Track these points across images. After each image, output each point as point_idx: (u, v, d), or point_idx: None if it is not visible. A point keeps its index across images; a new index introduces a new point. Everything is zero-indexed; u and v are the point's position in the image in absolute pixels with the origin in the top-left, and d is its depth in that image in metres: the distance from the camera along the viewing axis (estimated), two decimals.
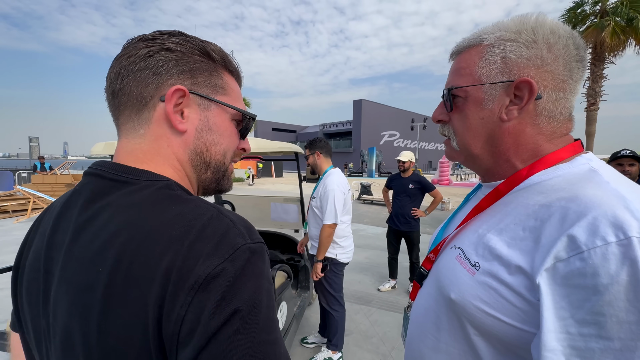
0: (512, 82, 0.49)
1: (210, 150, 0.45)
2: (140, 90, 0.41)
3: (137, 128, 0.42)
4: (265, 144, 2.21)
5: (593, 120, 10.88)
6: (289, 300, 2.21)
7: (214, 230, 0.35)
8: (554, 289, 0.38)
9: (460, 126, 0.56)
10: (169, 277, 0.32)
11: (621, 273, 0.34)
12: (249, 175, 19.01)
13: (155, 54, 0.41)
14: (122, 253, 0.34)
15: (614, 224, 0.36)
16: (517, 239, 0.45)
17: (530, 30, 0.49)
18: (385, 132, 39.36)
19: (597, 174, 0.45)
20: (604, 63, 10.53)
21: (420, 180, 3.32)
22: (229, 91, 0.47)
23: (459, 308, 0.49)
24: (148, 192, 0.39)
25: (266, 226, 3.11)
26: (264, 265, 0.36)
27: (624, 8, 9.53)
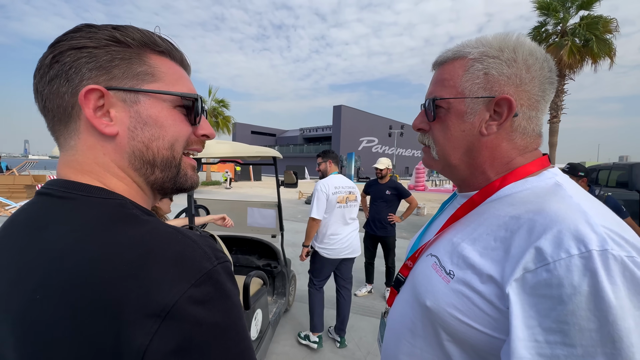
0: (493, 98, 0.51)
1: (151, 147, 0.40)
2: (58, 102, 0.38)
3: (68, 141, 0.39)
4: (243, 148, 2.18)
5: (555, 132, 11.65)
6: (264, 307, 2.17)
7: (177, 253, 0.32)
8: (522, 299, 0.40)
9: (441, 136, 0.57)
10: (124, 306, 0.29)
11: (582, 284, 0.36)
12: (227, 178, 18.60)
13: (61, 58, 0.36)
14: (68, 279, 0.31)
15: (576, 238, 0.38)
16: (489, 248, 0.47)
17: (511, 49, 0.51)
18: (363, 137, 40.01)
19: (562, 188, 0.47)
20: (565, 79, 11.35)
21: (397, 186, 3.40)
22: (160, 75, 0.41)
23: (434, 315, 0.51)
24: (100, 211, 0.36)
25: (243, 231, 3.05)
26: (232, 286, 0.34)
27: (582, 30, 10.35)
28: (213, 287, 0.32)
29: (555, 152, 11.80)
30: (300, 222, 7.82)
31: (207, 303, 0.31)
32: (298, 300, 3.30)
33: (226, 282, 0.33)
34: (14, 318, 0.32)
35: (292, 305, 3.16)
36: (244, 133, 46.58)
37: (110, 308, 0.29)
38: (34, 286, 0.32)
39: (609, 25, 10.15)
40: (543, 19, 11.34)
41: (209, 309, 0.31)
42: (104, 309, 0.29)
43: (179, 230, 0.36)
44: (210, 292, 0.31)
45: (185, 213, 2.44)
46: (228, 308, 0.33)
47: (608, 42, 10.30)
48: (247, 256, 2.93)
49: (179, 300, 0.29)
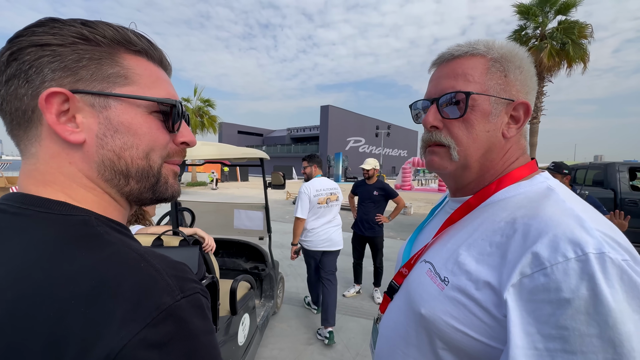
0: (513, 102, 0.52)
1: (123, 157, 0.36)
2: (16, 104, 0.33)
3: (28, 147, 0.35)
4: (230, 150, 2.13)
5: (535, 133, 12.06)
6: (251, 311, 2.13)
7: (133, 286, 0.28)
8: (520, 305, 0.39)
9: (464, 135, 0.52)
10: (66, 348, 0.25)
11: (581, 287, 0.36)
12: (213, 179, 18.30)
13: (20, 56, 0.32)
14: (7, 314, 0.27)
15: (572, 241, 0.38)
16: (485, 254, 0.46)
17: (520, 57, 0.52)
18: (350, 137, 40.26)
19: (554, 193, 0.48)
20: (544, 81, 11.76)
21: (384, 187, 3.41)
22: (135, 78, 0.36)
23: (429, 323, 0.49)
24: (56, 230, 0.32)
25: (229, 234, 2.99)
26: (202, 320, 0.30)
27: (559, 34, 10.75)
28: (174, 326, 0.27)
29: (535, 152, 12.22)
30: (288, 223, 7.77)
31: (165, 346, 0.26)
32: (286, 303, 3.27)
33: (192, 319, 0.29)
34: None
35: (280, 307, 3.13)
36: (231, 133, 46.00)
37: (50, 351, 0.25)
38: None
39: (584, 31, 10.60)
40: (523, 23, 11.71)
41: (167, 353, 0.26)
42: (42, 352, 0.25)
43: (143, 256, 0.31)
44: (169, 333, 0.27)
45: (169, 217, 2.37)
46: (192, 351, 0.28)
47: (583, 46, 10.73)
48: (234, 259, 2.87)
49: (127, 344, 0.25)
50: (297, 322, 2.89)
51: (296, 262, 4.61)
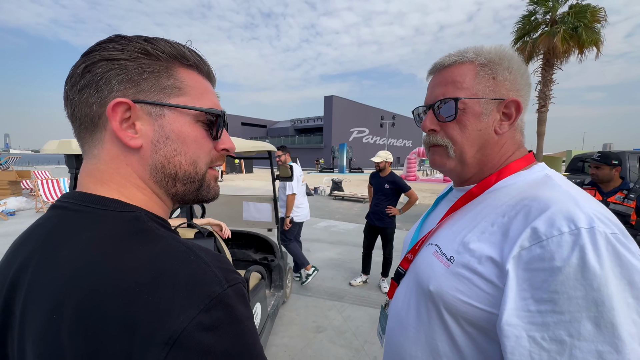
0: (504, 100, 0.57)
1: (173, 162, 0.40)
2: (86, 111, 0.38)
3: (92, 149, 0.40)
4: (240, 143, 2.15)
5: (543, 121, 11.83)
6: (262, 300, 2.19)
7: (187, 277, 0.31)
8: (517, 274, 0.45)
9: (459, 135, 0.59)
10: (136, 330, 0.28)
11: (572, 257, 0.41)
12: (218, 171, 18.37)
13: (93, 68, 0.37)
14: (81, 301, 0.30)
15: (567, 218, 0.44)
16: (487, 232, 0.51)
17: (508, 58, 0.58)
18: (354, 128, 39.96)
19: (551, 180, 0.54)
20: (553, 69, 11.48)
21: (395, 180, 3.38)
22: (187, 89, 0.41)
23: (438, 298, 0.54)
24: (115, 226, 0.35)
25: (238, 225, 3.04)
26: (245, 308, 0.34)
27: (570, 18, 10.44)
28: (223, 312, 0.31)
29: (543, 142, 12.02)
30: None
31: (217, 329, 0.30)
32: (295, 292, 3.34)
33: (238, 306, 0.32)
34: (33, 338, 0.32)
35: (290, 297, 3.19)
36: (234, 125, 45.97)
37: (122, 332, 0.28)
38: (51, 306, 0.32)
39: (597, 15, 10.26)
40: (532, 8, 11.36)
41: (218, 335, 0.30)
42: (116, 334, 0.28)
43: (191, 249, 0.35)
44: (220, 318, 0.30)
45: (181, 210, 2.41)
46: (239, 334, 0.31)
47: (596, 30, 10.42)
48: (243, 250, 2.93)
49: (187, 327, 0.28)
50: (305, 311, 2.95)
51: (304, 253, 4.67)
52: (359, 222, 7.04)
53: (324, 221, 7.06)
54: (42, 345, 0.31)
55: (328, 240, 5.48)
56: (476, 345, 0.51)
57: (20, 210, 7.48)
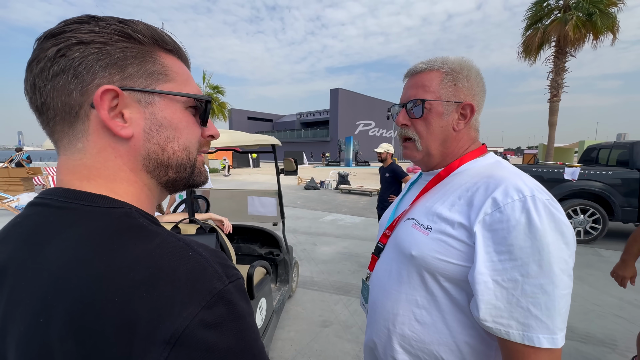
0: (461, 104, 0.71)
1: (166, 149, 0.39)
2: (64, 100, 0.34)
3: (74, 143, 0.36)
4: (242, 137, 2.12)
5: (555, 111, 11.51)
6: (268, 295, 2.18)
7: (187, 273, 0.30)
8: (483, 234, 0.57)
9: (424, 131, 0.72)
10: (134, 330, 0.27)
11: (521, 217, 0.55)
12: (225, 165, 18.51)
13: (68, 52, 0.33)
14: (72, 302, 0.28)
15: (517, 189, 0.57)
16: (456, 205, 0.64)
17: (468, 68, 0.71)
18: (360, 121, 39.64)
19: (501, 163, 0.70)
20: (566, 56, 11.12)
21: (394, 169, 3.57)
22: (173, 75, 0.39)
23: (419, 260, 0.65)
24: (103, 222, 0.33)
25: (243, 220, 3.03)
26: (246, 304, 0.33)
27: (585, 3, 10.05)
28: (225, 309, 0.30)
29: (554, 132, 11.71)
30: (300, 209, 7.84)
31: (220, 326, 0.29)
32: (301, 286, 3.33)
33: (239, 302, 0.31)
34: (17, 343, 0.30)
35: (295, 291, 3.19)
36: (241, 119, 46.03)
37: (119, 333, 0.27)
38: (37, 309, 0.29)
39: None
40: None
41: (221, 332, 0.29)
42: (113, 335, 0.27)
43: (189, 244, 0.33)
44: (222, 315, 0.29)
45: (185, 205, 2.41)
46: (242, 330, 0.30)
47: (612, 15, 10.02)
48: (249, 245, 2.92)
49: (189, 324, 0.27)
50: (312, 305, 2.94)
51: (309, 248, 4.67)
52: (365, 215, 7.01)
53: (331, 215, 7.05)
54: (27, 352, 0.29)
55: (335, 234, 5.47)
56: (448, 295, 0.64)
57: None
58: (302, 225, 6.10)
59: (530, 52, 11.55)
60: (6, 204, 6.87)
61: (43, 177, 9.58)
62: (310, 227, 5.91)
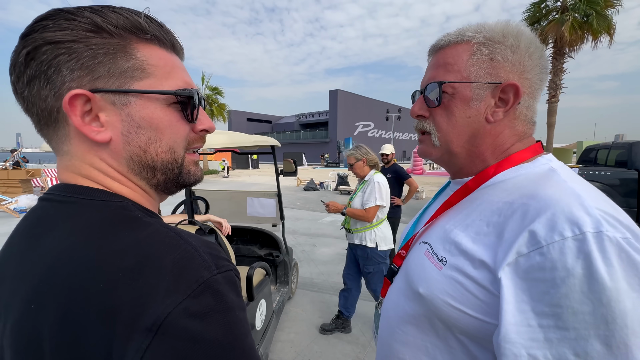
0: (500, 85, 0.50)
1: (148, 151, 0.37)
2: (41, 105, 0.33)
3: (60, 146, 0.36)
4: (241, 138, 2.12)
5: (553, 112, 11.55)
6: (267, 297, 2.17)
7: (174, 261, 0.30)
8: (515, 283, 0.39)
9: (444, 122, 0.54)
10: (117, 316, 0.26)
11: (576, 266, 0.36)
12: (224, 167, 18.48)
13: (36, 55, 0.32)
14: (61, 288, 0.29)
15: (570, 220, 0.38)
16: (482, 234, 0.46)
17: (514, 36, 0.50)
18: (359, 122, 39.67)
19: (556, 174, 0.47)
20: (564, 57, 11.16)
21: (397, 170, 3.52)
22: (151, 70, 0.36)
23: (427, 302, 0.50)
24: (100, 214, 0.33)
25: (243, 221, 3.03)
26: (235, 296, 0.31)
27: (582, 5, 10.09)
28: (212, 299, 0.29)
29: (553, 133, 11.75)
30: (299, 210, 7.84)
31: (206, 316, 0.28)
32: (301, 288, 3.33)
33: (228, 293, 0.30)
34: (10, 329, 0.31)
35: (295, 292, 3.18)
36: (240, 120, 46.02)
37: (103, 319, 0.27)
38: (30, 295, 0.30)
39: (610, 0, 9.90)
40: None
41: (207, 322, 0.28)
42: (96, 321, 0.27)
43: (180, 234, 0.33)
44: (209, 304, 0.28)
45: (184, 206, 2.40)
46: (230, 323, 0.29)
47: (608, 17, 10.07)
48: (248, 246, 2.91)
49: (172, 312, 0.27)
50: (311, 306, 2.94)
51: (309, 249, 4.66)
52: None
53: (330, 216, 7.04)
54: (19, 338, 0.30)
55: (334, 235, 5.46)
56: (468, 353, 0.48)
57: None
58: (302, 226, 6.10)
59: None
60: (4, 206, 6.84)
61: (42, 179, 9.55)
62: (310, 229, 5.90)
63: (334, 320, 2.56)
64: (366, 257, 2.31)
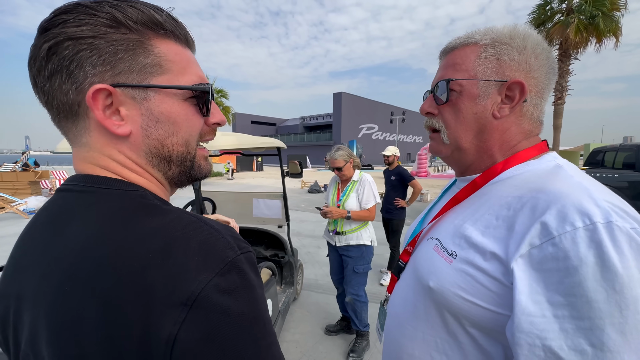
0: (506, 82, 0.53)
1: (166, 144, 0.38)
2: (62, 99, 0.35)
3: (79, 138, 0.37)
4: (249, 139, 2.15)
5: (559, 114, 11.47)
6: (273, 297, 2.19)
7: (201, 243, 0.32)
8: (529, 274, 0.40)
9: (452, 119, 0.57)
10: (153, 294, 0.28)
11: (589, 255, 0.37)
12: (229, 169, 18.59)
13: (58, 50, 0.33)
14: (94, 270, 0.30)
15: (581, 211, 0.39)
16: (492, 227, 0.47)
17: (521, 38, 0.53)
18: (363, 125, 39.66)
19: (563, 170, 0.49)
20: (570, 59, 11.10)
21: (400, 172, 3.54)
22: (168, 65, 0.37)
23: (438, 296, 0.51)
24: (121, 202, 0.35)
25: (248, 222, 3.05)
26: (256, 275, 0.34)
27: (588, 6, 10.05)
28: (238, 277, 0.31)
29: (559, 135, 11.66)
30: (304, 212, 7.85)
31: (233, 292, 0.30)
32: (306, 289, 3.34)
33: (250, 272, 0.32)
34: (45, 312, 0.32)
35: (300, 294, 3.20)
36: (244, 123, 46.28)
37: (138, 297, 0.29)
38: (62, 279, 0.32)
39: (617, 2, 9.85)
40: None
41: (235, 298, 0.30)
42: (132, 299, 0.29)
43: (201, 219, 0.35)
44: (235, 282, 0.31)
45: (192, 207, 2.44)
46: (253, 299, 0.32)
47: (615, 19, 10.00)
48: (254, 247, 2.94)
49: (204, 288, 0.29)
50: (316, 307, 2.95)
51: (313, 250, 4.67)
52: None
53: None
54: (56, 317, 0.31)
55: None
56: (477, 345, 0.49)
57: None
58: (306, 228, 6.11)
59: None
60: (14, 207, 6.96)
61: (50, 181, 9.70)
62: (314, 231, 5.92)
63: (339, 322, 2.57)
64: (360, 255, 2.30)
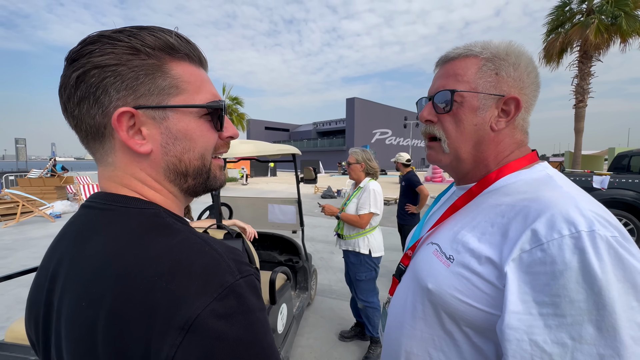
0: (503, 97, 0.57)
1: (183, 160, 0.41)
2: (90, 122, 0.38)
3: (105, 157, 0.41)
4: (266, 147, 2.22)
5: (581, 117, 11.06)
6: (288, 301, 2.22)
7: (202, 267, 0.33)
8: (519, 276, 0.44)
9: (453, 129, 0.59)
10: (155, 315, 0.30)
11: (573, 260, 0.41)
12: (243, 175, 18.89)
13: (86, 78, 0.36)
14: (107, 288, 0.33)
15: (567, 220, 0.43)
16: (487, 234, 0.51)
17: (516, 55, 0.57)
18: (377, 130, 39.49)
19: (552, 180, 0.53)
20: (592, 61, 10.73)
21: (409, 177, 3.59)
22: (184, 86, 0.40)
23: (435, 297, 0.55)
24: (136, 221, 0.38)
25: (263, 227, 3.11)
26: (256, 299, 0.34)
27: (609, 7, 9.73)
28: (235, 302, 0.32)
29: (581, 139, 11.24)
30: (317, 217, 7.87)
31: (230, 317, 0.31)
32: (319, 294, 3.35)
33: (249, 296, 0.33)
34: (65, 323, 0.36)
35: (314, 299, 3.21)
36: (258, 129, 46.96)
37: (144, 317, 0.30)
38: (81, 293, 0.34)
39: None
40: None
41: (231, 323, 0.31)
42: (139, 318, 0.31)
43: (206, 241, 0.37)
44: (232, 307, 0.31)
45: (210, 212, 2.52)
46: (251, 323, 0.32)
47: (639, 18, 9.63)
48: (269, 252, 2.98)
49: (201, 313, 0.30)
50: (330, 313, 2.95)
51: (327, 256, 4.68)
52: (383, 224, 6.93)
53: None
54: (74, 331, 0.34)
55: None
56: (472, 344, 0.52)
57: (65, 213, 8.08)
58: (320, 233, 6.12)
59: (552, 57, 11.25)
60: (42, 211, 7.31)
61: (74, 186, 10.13)
62: (328, 236, 5.92)
63: (354, 327, 2.56)
64: (359, 263, 2.29)
